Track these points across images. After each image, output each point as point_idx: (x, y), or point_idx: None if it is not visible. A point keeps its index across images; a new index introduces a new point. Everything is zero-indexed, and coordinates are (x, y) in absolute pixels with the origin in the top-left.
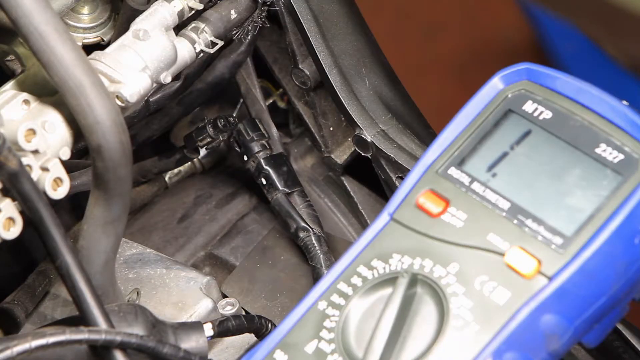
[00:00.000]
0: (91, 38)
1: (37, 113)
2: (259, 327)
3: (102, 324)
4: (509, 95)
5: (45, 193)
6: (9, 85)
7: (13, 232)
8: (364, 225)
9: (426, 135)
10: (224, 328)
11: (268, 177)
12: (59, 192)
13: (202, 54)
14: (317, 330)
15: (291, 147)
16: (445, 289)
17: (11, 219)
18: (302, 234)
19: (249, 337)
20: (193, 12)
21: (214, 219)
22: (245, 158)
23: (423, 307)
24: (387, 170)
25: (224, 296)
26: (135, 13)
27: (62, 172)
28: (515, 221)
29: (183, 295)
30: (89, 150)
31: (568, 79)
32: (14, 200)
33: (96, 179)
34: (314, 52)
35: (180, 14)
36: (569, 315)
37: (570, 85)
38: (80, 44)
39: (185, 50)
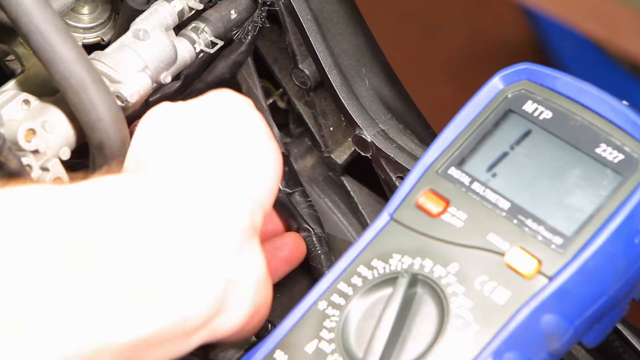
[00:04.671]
0: (91, 38)
1: (37, 113)
2: None
3: None
4: (509, 95)
5: None
6: (9, 85)
7: None
8: (364, 225)
9: (426, 135)
10: None
11: None
12: None
13: (202, 54)
14: (317, 330)
15: (291, 147)
16: (445, 289)
17: None
18: (303, 234)
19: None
20: (193, 12)
21: None
22: None
23: (423, 307)
24: (387, 170)
25: None
26: (135, 13)
27: (62, 172)
28: (515, 221)
29: None
30: (90, 147)
31: (568, 79)
32: None
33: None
34: (314, 52)
35: (180, 14)
36: (569, 315)
37: (570, 85)
38: (80, 44)
39: (185, 50)
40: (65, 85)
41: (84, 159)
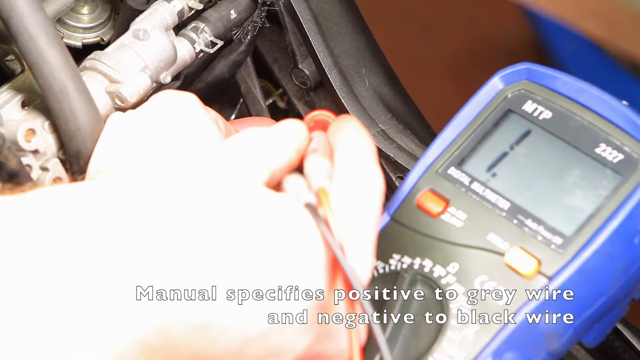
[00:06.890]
0: (91, 38)
1: (37, 113)
2: None
3: None
4: (509, 95)
5: None
6: (9, 85)
7: None
8: None
9: (426, 135)
10: None
11: None
12: None
13: (201, 54)
14: None
15: None
16: (445, 288)
17: None
18: None
19: None
20: (193, 12)
21: None
22: None
23: (423, 307)
24: (387, 170)
25: None
26: (135, 13)
27: (62, 172)
28: (515, 221)
29: None
30: (67, 157)
31: (568, 79)
32: None
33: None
34: (313, 52)
35: (180, 14)
36: (568, 316)
37: (570, 85)
38: (80, 43)
39: (185, 50)
40: (48, 90)
41: None
